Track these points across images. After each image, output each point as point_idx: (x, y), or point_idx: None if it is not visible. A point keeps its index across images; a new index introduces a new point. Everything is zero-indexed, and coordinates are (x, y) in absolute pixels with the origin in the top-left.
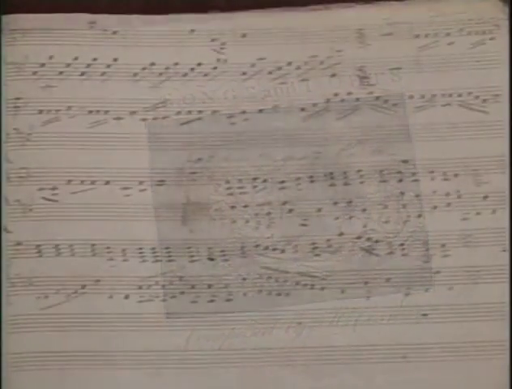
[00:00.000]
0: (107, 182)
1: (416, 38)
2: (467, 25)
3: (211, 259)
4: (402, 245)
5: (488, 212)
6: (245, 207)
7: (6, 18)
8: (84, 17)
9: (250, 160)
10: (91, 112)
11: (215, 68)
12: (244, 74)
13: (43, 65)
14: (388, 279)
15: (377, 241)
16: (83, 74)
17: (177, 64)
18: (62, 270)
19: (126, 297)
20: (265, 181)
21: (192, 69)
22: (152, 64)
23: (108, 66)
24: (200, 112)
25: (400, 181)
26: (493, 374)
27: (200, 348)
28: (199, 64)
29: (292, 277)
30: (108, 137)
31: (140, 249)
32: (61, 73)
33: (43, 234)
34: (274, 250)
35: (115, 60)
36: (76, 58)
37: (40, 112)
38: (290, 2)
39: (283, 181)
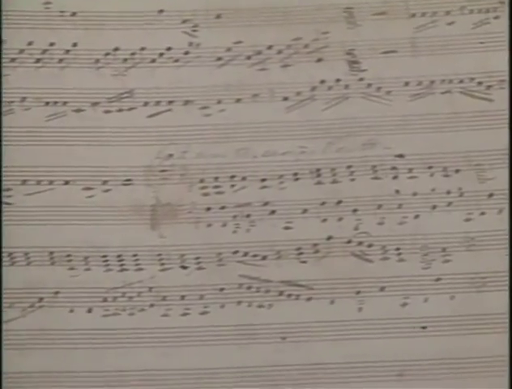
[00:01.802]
0: (66, 182)
1: (412, 17)
2: (469, 2)
3: (184, 268)
4: (398, 249)
5: (494, 212)
6: (222, 208)
7: None
8: None
9: (227, 156)
10: (48, 103)
11: (186, 53)
12: (219, 59)
13: None
14: (382, 287)
15: (369, 246)
16: (38, 60)
17: (143, 49)
18: (17, 281)
19: (89, 310)
20: (244, 179)
21: (161, 54)
22: (116, 49)
23: (67, 51)
24: (170, 102)
25: (395, 177)
26: None
27: (173, 366)
28: (169, 49)
29: (275, 287)
30: (67, 131)
31: (104, 256)
32: (13, 60)
33: None
34: (254, 256)
35: (74, 45)
36: (30, 43)
37: None
38: None
39: (264, 180)
